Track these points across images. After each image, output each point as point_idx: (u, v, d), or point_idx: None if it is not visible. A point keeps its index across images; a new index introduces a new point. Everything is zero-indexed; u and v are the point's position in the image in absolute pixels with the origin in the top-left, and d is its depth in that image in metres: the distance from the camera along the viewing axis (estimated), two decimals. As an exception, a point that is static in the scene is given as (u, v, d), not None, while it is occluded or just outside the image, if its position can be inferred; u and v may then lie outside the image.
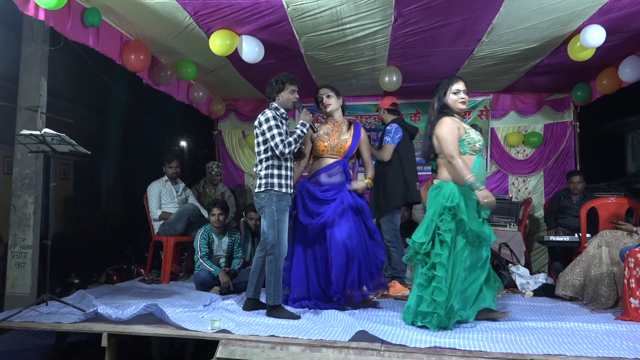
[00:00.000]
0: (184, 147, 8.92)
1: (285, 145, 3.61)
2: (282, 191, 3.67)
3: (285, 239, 3.67)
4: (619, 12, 4.15)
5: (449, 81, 3.57)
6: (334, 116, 4.13)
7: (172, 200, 5.55)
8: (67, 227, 6.17)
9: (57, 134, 3.59)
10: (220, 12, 4.21)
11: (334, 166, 3.95)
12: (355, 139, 4.04)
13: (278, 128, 3.65)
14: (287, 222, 3.71)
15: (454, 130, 3.42)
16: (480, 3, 4.03)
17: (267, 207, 3.66)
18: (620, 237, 4.16)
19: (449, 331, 3.24)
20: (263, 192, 3.68)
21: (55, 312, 3.63)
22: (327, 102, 4.10)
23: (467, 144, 3.42)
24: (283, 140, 3.61)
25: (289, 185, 3.73)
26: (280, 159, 3.70)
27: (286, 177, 3.71)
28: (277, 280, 3.64)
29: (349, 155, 4.02)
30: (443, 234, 3.28)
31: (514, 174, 6.98)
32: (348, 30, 4.52)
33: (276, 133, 3.62)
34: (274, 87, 3.85)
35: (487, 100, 6.98)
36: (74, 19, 3.97)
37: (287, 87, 3.82)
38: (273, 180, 3.66)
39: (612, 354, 2.75)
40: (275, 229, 3.62)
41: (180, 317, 3.47)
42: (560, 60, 5.22)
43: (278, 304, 3.65)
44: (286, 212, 3.69)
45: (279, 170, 3.69)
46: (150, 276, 5.37)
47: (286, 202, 3.69)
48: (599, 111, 6.45)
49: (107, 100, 6.73)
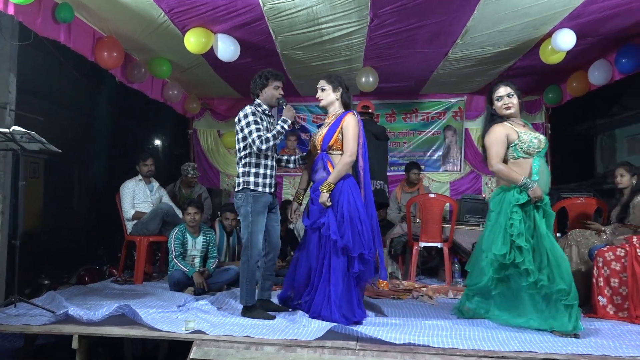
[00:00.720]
0: (158, 145, 8.80)
1: (262, 141, 3.52)
2: (259, 190, 3.61)
3: (258, 241, 3.60)
4: (588, 17, 4.25)
5: (493, 88, 3.51)
6: (328, 110, 3.77)
7: (146, 199, 5.47)
8: (37, 227, 6.03)
9: (27, 131, 3.50)
10: (195, 10, 4.18)
11: (316, 162, 3.70)
12: (330, 129, 3.60)
13: (256, 124, 3.57)
14: (263, 224, 3.64)
15: (499, 138, 3.37)
16: (455, 6, 4.08)
17: (242, 207, 3.62)
18: (589, 236, 4.27)
19: (423, 329, 3.27)
20: (240, 191, 3.64)
21: (24, 314, 3.54)
22: (319, 95, 3.73)
23: (519, 148, 3.35)
24: (260, 136, 3.52)
25: (268, 185, 3.66)
26: (259, 157, 3.65)
27: (264, 176, 3.65)
28: (249, 282, 3.61)
29: (324, 148, 3.63)
30: (517, 241, 3.24)
31: (487, 175, 7.10)
32: (324, 30, 4.53)
33: (254, 129, 3.54)
34: (258, 83, 3.75)
35: (461, 102, 7.09)
36: (45, 14, 3.88)
37: (270, 83, 3.73)
38: (249, 179, 3.61)
39: (580, 350, 2.81)
40: (249, 230, 3.58)
41: (153, 317, 3.43)
42: (533, 63, 5.33)
43: (251, 304, 3.64)
44: (262, 214, 3.63)
45: (256, 169, 3.63)
46: (122, 277, 5.29)
47: (262, 204, 3.62)
48: (569, 113, 6.60)
49: (79, 97, 6.61)
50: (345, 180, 3.55)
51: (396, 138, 7.21)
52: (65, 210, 6.86)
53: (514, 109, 3.43)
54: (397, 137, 7.22)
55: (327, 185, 3.50)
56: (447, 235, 5.48)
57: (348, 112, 3.60)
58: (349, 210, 3.46)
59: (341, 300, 3.41)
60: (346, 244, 3.39)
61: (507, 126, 3.41)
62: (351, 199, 3.49)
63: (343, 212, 3.46)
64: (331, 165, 3.58)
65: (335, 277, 3.44)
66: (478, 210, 5.88)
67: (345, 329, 3.11)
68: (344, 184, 3.54)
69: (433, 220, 5.42)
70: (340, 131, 3.56)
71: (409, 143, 7.22)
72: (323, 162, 3.62)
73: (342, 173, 3.53)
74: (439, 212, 5.46)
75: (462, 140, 7.11)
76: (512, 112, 3.42)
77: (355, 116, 3.59)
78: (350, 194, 3.51)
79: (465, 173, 7.15)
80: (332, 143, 3.57)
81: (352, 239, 3.40)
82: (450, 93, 7.02)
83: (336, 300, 3.39)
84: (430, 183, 7.13)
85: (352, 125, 3.54)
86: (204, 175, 7.48)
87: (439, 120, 7.18)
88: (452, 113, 7.14)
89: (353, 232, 3.42)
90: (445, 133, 7.18)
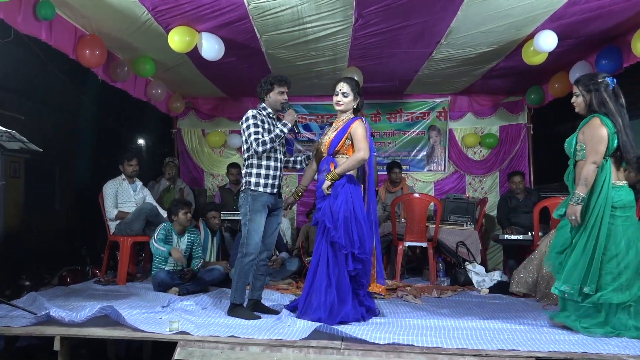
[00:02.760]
0: (142, 145, 8.72)
1: (258, 143, 3.56)
2: (259, 190, 3.64)
3: (254, 240, 3.62)
4: (569, 19, 4.31)
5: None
6: (341, 114, 3.73)
7: (129, 199, 5.43)
8: (18, 227, 5.94)
9: (7, 130, 3.47)
10: (179, 8, 4.15)
11: (322, 164, 3.73)
12: (338, 134, 3.60)
13: (256, 127, 3.62)
14: (260, 224, 3.66)
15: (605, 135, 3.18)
16: (439, 6, 4.11)
17: (242, 206, 3.69)
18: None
19: (408, 328, 3.30)
20: (243, 190, 3.72)
21: (5, 316, 3.49)
22: (339, 100, 3.65)
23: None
24: (258, 139, 3.57)
25: (269, 185, 3.68)
26: (260, 158, 3.68)
27: (266, 177, 3.68)
28: (240, 279, 3.62)
29: (330, 152, 3.65)
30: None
31: (470, 174, 7.17)
32: (309, 29, 4.53)
33: (252, 132, 3.60)
34: (263, 88, 3.80)
35: (445, 102, 7.14)
36: (26, 11, 3.82)
37: (275, 89, 3.76)
38: (250, 179, 3.67)
39: (562, 348, 2.85)
40: (246, 228, 3.64)
41: (137, 318, 3.40)
42: (515, 64, 5.38)
43: (239, 303, 3.64)
44: (260, 213, 3.64)
45: (257, 169, 3.67)
46: (105, 277, 5.24)
47: (261, 203, 3.64)
48: (551, 114, 6.67)
49: (61, 96, 6.50)
50: (348, 182, 3.56)
51: (381, 138, 7.24)
52: (46, 210, 6.77)
53: (577, 109, 3.41)
54: (381, 137, 7.25)
55: (332, 174, 3.53)
56: (431, 234, 5.52)
57: (357, 119, 3.62)
58: (344, 211, 3.46)
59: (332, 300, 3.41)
60: (337, 240, 3.42)
61: None
62: (349, 200, 3.50)
63: (339, 212, 3.46)
64: (334, 166, 3.60)
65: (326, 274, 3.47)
66: (462, 209, 5.94)
67: (330, 328, 3.12)
68: (347, 185, 3.54)
69: (417, 219, 5.46)
70: (348, 137, 3.57)
71: (394, 143, 7.25)
72: (328, 165, 3.64)
73: (350, 168, 3.54)
74: (423, 212, 5.50)
75: (446, 140, 7.16)
76: (577, 111, 3.43)
77: (363, 122, 3.61)
78: (349, 195, 3.51)
79: (449, 173, 7.20)
80: (339, 148, 3.61)
81: (344, 237, 3.42)
82: (435, 93, 7.06)
83: (325, 299, 3.41)
84: (415, 183, 7.18)
85: (360, 129, 3.55)
86: (188, 175, 7.45)
87: (423, 120, 7.22)
88: (436, 113, 7.19)
89: (345, 231, 3.44)
90: (430, 133, 7.23)
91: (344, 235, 3.44)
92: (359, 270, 3.48)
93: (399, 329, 3.26)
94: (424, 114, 7.22)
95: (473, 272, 5.14)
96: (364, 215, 3.57)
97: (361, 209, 3.56)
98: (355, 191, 3.59)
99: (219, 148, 7.52)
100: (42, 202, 6.63)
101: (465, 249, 5.51)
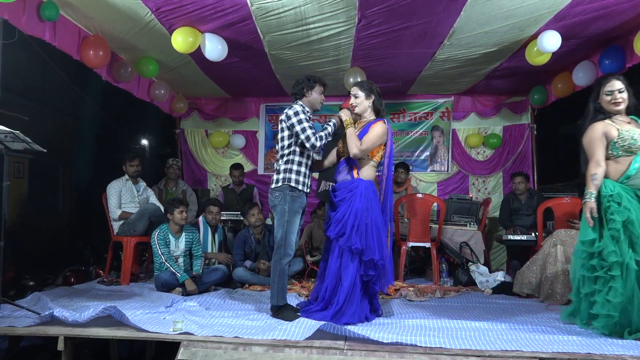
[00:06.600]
0: (145, 145, 8.74)
1: (317, 138, 3.49)
2: (299, 188, 3.57)
3: (292, 241, 3.57)
4: (573, 19, 4.30)
5: (602, 81, 3.32)
6: (359, 116, 3.72)
7: (133, 199, 5.44)
8: (22, 228, 5.96)
9: (11, 131, 3.47)
10: (182, 9, 4.16)
11: (341, 163, 3.71)
12: (359, 135, 3.58)
13: (307, 122, 3.55)
14: (298, 224, 3.62)
15: (596, 138, 3.24)
16: (442, 7, 4.10)
17: (279, 205, 3.58)
18: (574, 235, 4.30)
19: (411, 328, 3.29)
20: (279, 188, 3.60)
21: (9, 316, 3.50)
22: (352, 102, 3.68)
23: (619, 146, 3.20)
24: (315, 133, 3.50)
25: (306, 185, 3.64)
26: (302, 156, 3.62)
27: (305, 175, 3.63)
28: (280, 280, 3.58)
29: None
30: (613, 225, 3.09)
31: (474, 175, 7.15)
32: (312, 30, 4.53)
33: (307, 126, 3.51)
34: (306, 84, 3.70)
35: (448, 102, 7.13)
36: (30, 12, 3.84)
37: (317, 87, 3.72)
38: (291, 176, 3.58)
39: (565, 349, 2.85)
40: (283, 229, 3.55)
41: (140, 319, 3.40)
42: (518, 64, 5.37)
43: (282, 304, 3.60)
44: (298, 214, 3.60)
45: (298, 167, 3.60)
46: (109, 277, 5.24)
47: (300, 204, 3.60)
48: (554, 114, 6.65)
49: (65, 96, 6.54)
50: (367, 188, 3.51)
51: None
52: (50, 210, 6.80)
53: (623, 105, 3.26)
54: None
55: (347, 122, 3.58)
56: (434, 235, 5.51)
57: (379, 120, 3.60)
58: (358, 216, 3.43)
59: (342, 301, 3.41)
60: (354, 245, 3.39)
61: (607, 123, 3.26)
62: (365, 204, 3.46)
63: (355, 216, 3.43)
64: (356, 169, 3.58)
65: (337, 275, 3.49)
66: (465, 210, 5.93)
67: (334, 327, 3.12)
68: (363, 187, 3.50)
69: (421, 220, 5.45)
70: None
71: (397, 143, 7.24)
72: (349, 165, 3.62)
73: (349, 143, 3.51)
74: (426, 212, 5.49)
75: (450, 140, 7.16)
76: (620, 108, 3.27)
77: (385, 124, 3.58)
78: (366, 199, 3.47)
79: (452, 173, 7.19)
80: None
81: (360, 242, 3.40)
82: (438, 93, 7.05)
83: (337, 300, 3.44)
84: (418, 183, 7.17)
85: (378, 130, 3.53)
86: (190, 175, 7.45)
87: (427, 120, 7.22)
88: (439, 113, 7.18)
89: (360, 235, 3.41)
90: (433, 133, 7.22)
91: (360, 241, 3.40)
92: (372, 276, 3.46)
93: (402, 329, 3.26)
94: (427, 114, 7.22)
95: (476, 273, 5.13)
96: (382, 220, 3.54)
97: (377, 211, 3.53)
98: (374, 197, 3.55)
99: (222, 148, 7.53)
100: (46, 202, 6.67)
101: (468, 250, 5.51)
